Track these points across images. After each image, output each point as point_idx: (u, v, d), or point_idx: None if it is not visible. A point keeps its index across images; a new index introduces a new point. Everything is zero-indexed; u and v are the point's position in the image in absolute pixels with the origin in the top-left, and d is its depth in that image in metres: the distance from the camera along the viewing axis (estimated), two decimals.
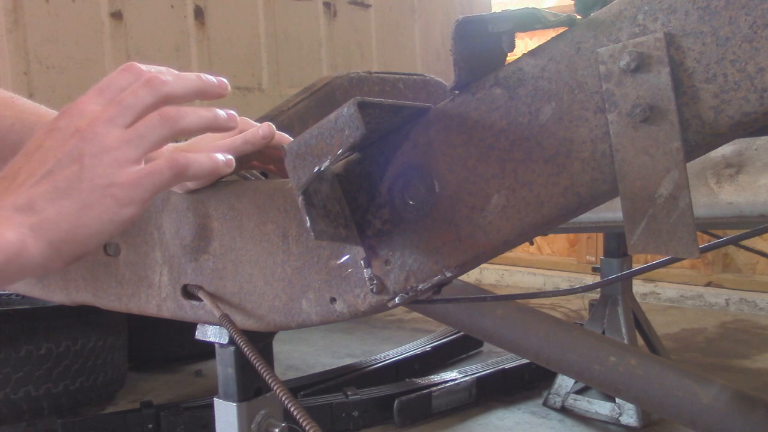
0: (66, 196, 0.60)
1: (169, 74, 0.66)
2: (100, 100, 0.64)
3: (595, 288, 1.52)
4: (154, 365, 3.39)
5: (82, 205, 0.60)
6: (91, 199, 0.60)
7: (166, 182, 0.63)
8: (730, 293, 4.22)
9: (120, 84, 0.65)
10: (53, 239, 0.60)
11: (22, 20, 1.84)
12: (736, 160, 1.38)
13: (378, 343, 3.66)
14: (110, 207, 0.61)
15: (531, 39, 4.04)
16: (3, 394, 2.63)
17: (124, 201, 0.61)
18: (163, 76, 0.65)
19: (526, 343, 1.77)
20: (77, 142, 0.61)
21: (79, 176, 0.60)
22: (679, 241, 0.59)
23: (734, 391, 1.51)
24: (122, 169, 0.61)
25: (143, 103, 0.63)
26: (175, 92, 0.65)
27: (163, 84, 0.64)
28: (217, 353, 0.97)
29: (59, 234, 0.60)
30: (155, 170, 0.62)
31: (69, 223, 0.60)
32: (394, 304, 0.75)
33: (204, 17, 2.17)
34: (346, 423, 2.60)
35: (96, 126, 0.61)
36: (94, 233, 0.61)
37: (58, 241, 0.60)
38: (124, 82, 0.65)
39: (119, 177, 0.61)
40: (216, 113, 0.67)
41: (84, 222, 0.60)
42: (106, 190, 0.60)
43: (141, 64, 0.67)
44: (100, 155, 0.61)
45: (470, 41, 0.65)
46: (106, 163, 0.61)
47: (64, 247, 0.60)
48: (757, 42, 0.55)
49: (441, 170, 0.70)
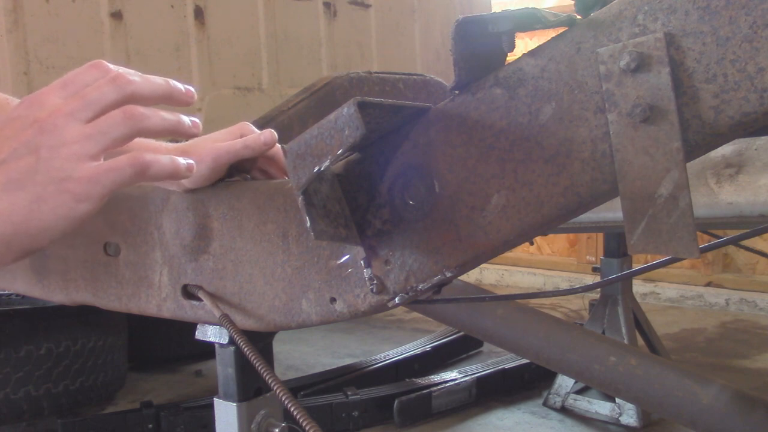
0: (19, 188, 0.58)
1: (136, 75, 0.64)
2: (62, 93, 0.62)
3: (595, 288, 1.52)
4: (154, 365, 3.39)
5: (36, 198, 0.58)
6: (46, 192, 0.58)
7: (126, 180, 0.61)
8: (730, 293, 4.22)
9: (85, 79, 0.63)
10: (3, 232, 0.58)
11: (22, 20, 1.84)
12: (736, 160, 1.38)
13: (378, 343, 3.66)
14: (66, 202, 0.59)
15: (531, 39, 4.04)
16: (3, 394, 2.63)
17: (80, 196, 0.59)
18: (130, 75, 0.63)
19: (526, 343, 1.77)
20: (35, 132, 0.59)
21: (35, 168, 0.58)
22: (679, 241, 0.59)
23: (734, 391, 1.51)
24: (80, 163, 0.59)
25: (107, 100, 0.61)
26: (141, 92, 0.63)
27: (128, 83, 0.62)
28: (217, 353, 0.97)
29: (9, 227, 0.58)
30: (115, 167, 0.60)
31: (21, 216, 0.58)
32: (394, 304, 0.75)
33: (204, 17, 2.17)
34: (346, 423, 2.60)
35: (56, 118, 0.60)
36: (47, 227, 0.59)
37: (9, 234, 0.58)
38: (89, 78, 0.63)
39: (77, 171, 0.59)
40: (180, 119, 0.66)
41: (37, 215, 0.58)
42: (62, 184, 0.59)
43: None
44: (58, 148, 0.59)
45: (470, 41, 0.65)
46: (63, 157, 0.59)
47: (15, 241, 0.59)
48: (757, 42, 0.55)
49: (441, 170, 0.70)
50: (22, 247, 0.60)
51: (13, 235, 0.59)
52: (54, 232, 0.60)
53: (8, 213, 0.58)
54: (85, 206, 0.60)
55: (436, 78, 1.65)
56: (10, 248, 0.59)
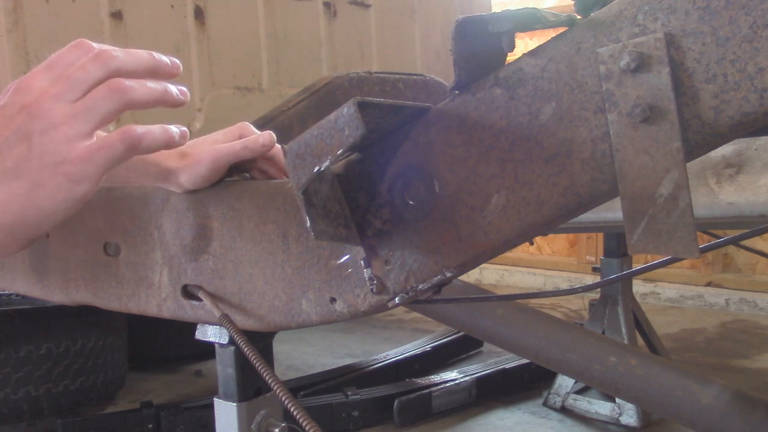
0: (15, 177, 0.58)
1: (119, 51, 0.63)
2: (47, 75, 0.61)
3: (595, 288, 1.52)
4: (154, 365, 3.39)
5: (33, 185, 0.58)
6: (42, 178, 0.58)
7: (120, 156, 0.61)
8: (730, 293, 4.22)
9: (69, 60, 0.62)
10: (4, 222, 0.58)
11: (22, 20, 1.84)
12: (736, 160, 1.38)
13: (378, 343, 3.66)
14: (63, 185, 0.58)
15: (531, 39, 4.04)
16: (3, 394, 2.63)
17: (76, 177, 0.59)
18: (113, 51, 0.63)
19: (526, 343, 1.77)
20: (24, 119, 0.59)
21: (28, 155, 0.58)
22: (679, 241, 0.59)
23: (734, 391, 1.51)
24: (73, 144, 0.59)
25: (92, 78, 0.61)
26: (125, 67, 0.62)
27: (112, 58, 0.62)
28: (217, 353, 0.97)
29: (10, 216, 0.58)
30: (107, 144, 0.60)
31: (20, 205, 0.58)
32: (394, 304, 0.75)
33: (204, 17, 2.17)
34: (346, 423, 2.60)
35: (43, 102, 0.59)
36: (48, 213, 0.59)
37: (10, 223, 0.58)
38: (73, 57, 0.62)
39: (70, 153, 0.59)
40: (166, 87, 0.65)
41: (35, 203, 0.58)
42: (57, 167, 0.58)
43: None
44: (49, 132, 0.58)
45: (470, 41, 0.65)
46: (55, 140, 0.58)
47: (17, 230, 0.59)
48: (757, 42, 0.55)
49: (441, 170, 0.70)
50: (25, 234, 0.60)
51: (14, 224, 0.58)
52: (55, 216, 0.60)
53: (7, 202, 0.58)
54: (83, 187, 0.60)
55: (436, 78, 1.65)
56: (14, 237, 0.59)
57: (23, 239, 0.60)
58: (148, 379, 3.27)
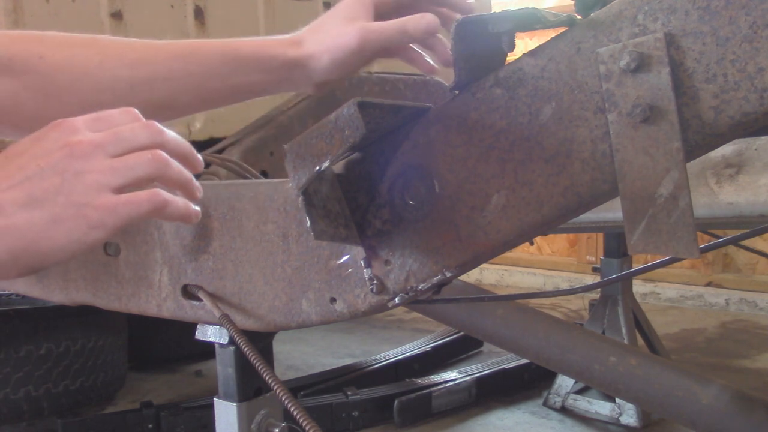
0: (39, 206, 0.59)
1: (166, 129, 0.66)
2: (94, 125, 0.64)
3: (595, 288, 1.52)
4: (154, 365, 3.39)
5: (53, 219, 0.59)
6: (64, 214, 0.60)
7: (142, 215, 0.62)
8: (730, 293, 4.22)
9: (117, 120, 0.65)
10: (14, 246, 0.59)
11: (22, 20, 1.84)
12: (736, 160, 1.38)
13: (378, 343, 3.66)
14: (80, 226, 0.60)
15: (531, 39, 4.04)
16: (3, 394, 2.63)
17: (95, 223, 0.60)
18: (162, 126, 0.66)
19: (526, 343, 1.77)
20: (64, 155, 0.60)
21: (58, 190, 0.60)
22: (679, 241, 0.59)
23: (734, 391, 1.51)
24: (102, 192, 0.61)
25: (138, 141, 0.63)
26: (168, 144, 0.65)
27: (160, 132, 0.65)
28: (217, 353, 0.97)
29: (22, 242, 0.59)
30: (134, 200, 0.62)
31: (35, 234, 0.59)
32: (394, 304, 0.75)
33: (204, 17, 2.17)
34: (346, 423, 2.60)
35: (87, 146, 0.61)
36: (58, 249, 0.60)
37: (19, 249, 0.59)
38: (121, 119, 0.65)
39: (97, 199, 0.60)
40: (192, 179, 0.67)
41: (50, 234, 0.59)
42: (81, 208, 0.60)
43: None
44: (84, 174, 0.60)
45: (470, 41, 0.65)
46: (87, 183, 0.60)
47: (23, 257, 0.60)
48: (757, 42, 0.55)
49: (441, 170, 0.70)
50: (28, 263, 0.61)
51: (23, 250, 0.60)
52: (63, 253, 0.61)
53: (25, 229, 0.59)
54: (98, 233, 0.61)
55: (436, 78, 1.65)
56: (17, 263, 0.60)
57: (25, 267, 0.61)
58: (148, 379, 3.27)
